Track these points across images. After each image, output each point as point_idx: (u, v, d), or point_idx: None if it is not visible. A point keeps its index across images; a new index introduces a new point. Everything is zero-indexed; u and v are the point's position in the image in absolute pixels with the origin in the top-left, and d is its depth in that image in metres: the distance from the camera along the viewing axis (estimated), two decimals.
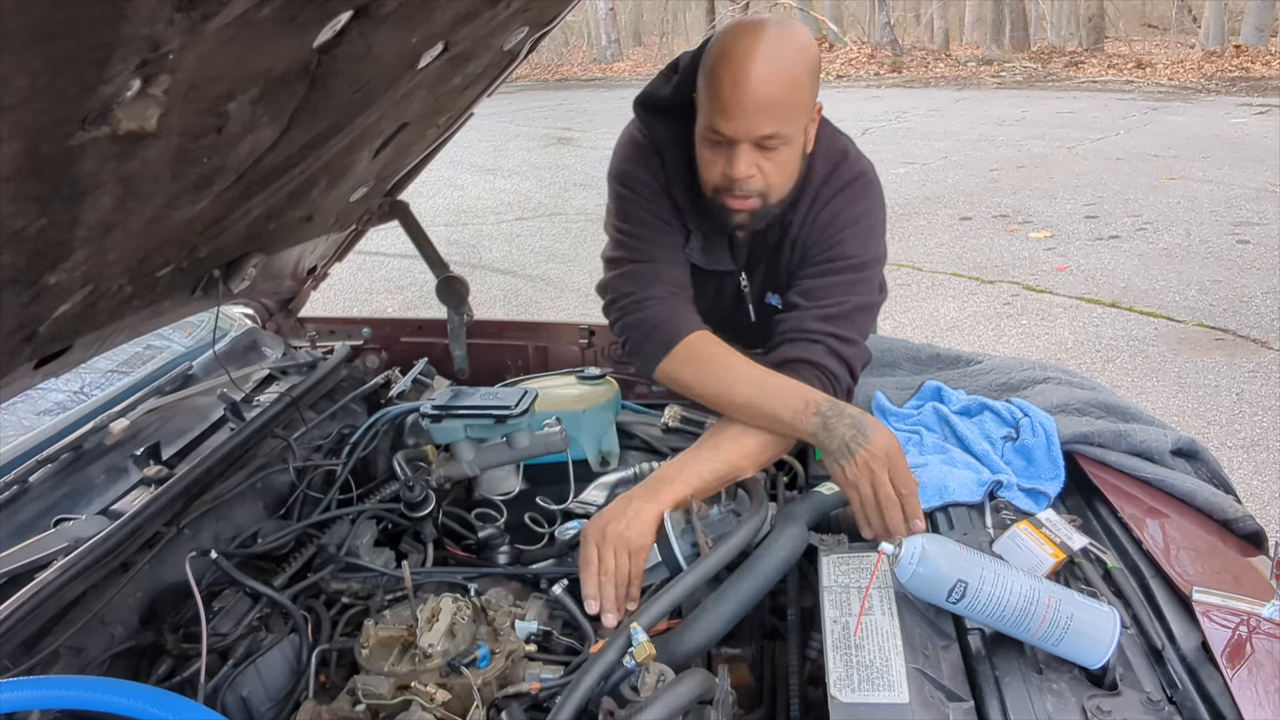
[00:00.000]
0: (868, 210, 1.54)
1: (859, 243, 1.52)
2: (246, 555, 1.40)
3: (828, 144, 1.55)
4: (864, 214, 1.53)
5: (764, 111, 1.35)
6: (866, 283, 1.52)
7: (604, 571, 1.26)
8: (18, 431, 1.64)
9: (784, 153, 1.41)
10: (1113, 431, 1.41)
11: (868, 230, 1.54)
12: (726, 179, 1.42)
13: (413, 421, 1.76)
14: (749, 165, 1.39)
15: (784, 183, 1.46)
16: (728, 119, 1.36)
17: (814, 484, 1.43)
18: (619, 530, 1.27)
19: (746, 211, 1.46)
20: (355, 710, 1.11)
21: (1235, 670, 0.97)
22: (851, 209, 1.52)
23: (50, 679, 1.00)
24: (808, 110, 1.43)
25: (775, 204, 1.47)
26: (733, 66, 1.34)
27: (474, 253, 6.90)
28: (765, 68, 1.33)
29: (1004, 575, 1.02)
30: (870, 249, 1.54)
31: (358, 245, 2.19)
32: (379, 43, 1.00)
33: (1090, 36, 17.29)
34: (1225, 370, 4.14)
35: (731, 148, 1.39)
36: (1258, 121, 9.93)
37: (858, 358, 1.48)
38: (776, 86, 1.34)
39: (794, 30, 1.40)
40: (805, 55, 1.38)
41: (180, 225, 1.11)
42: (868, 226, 1.54)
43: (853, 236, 1.51)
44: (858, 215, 1.52)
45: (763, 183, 1.42)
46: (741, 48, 1.35)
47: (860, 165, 1.57)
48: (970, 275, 5.70)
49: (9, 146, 0.66)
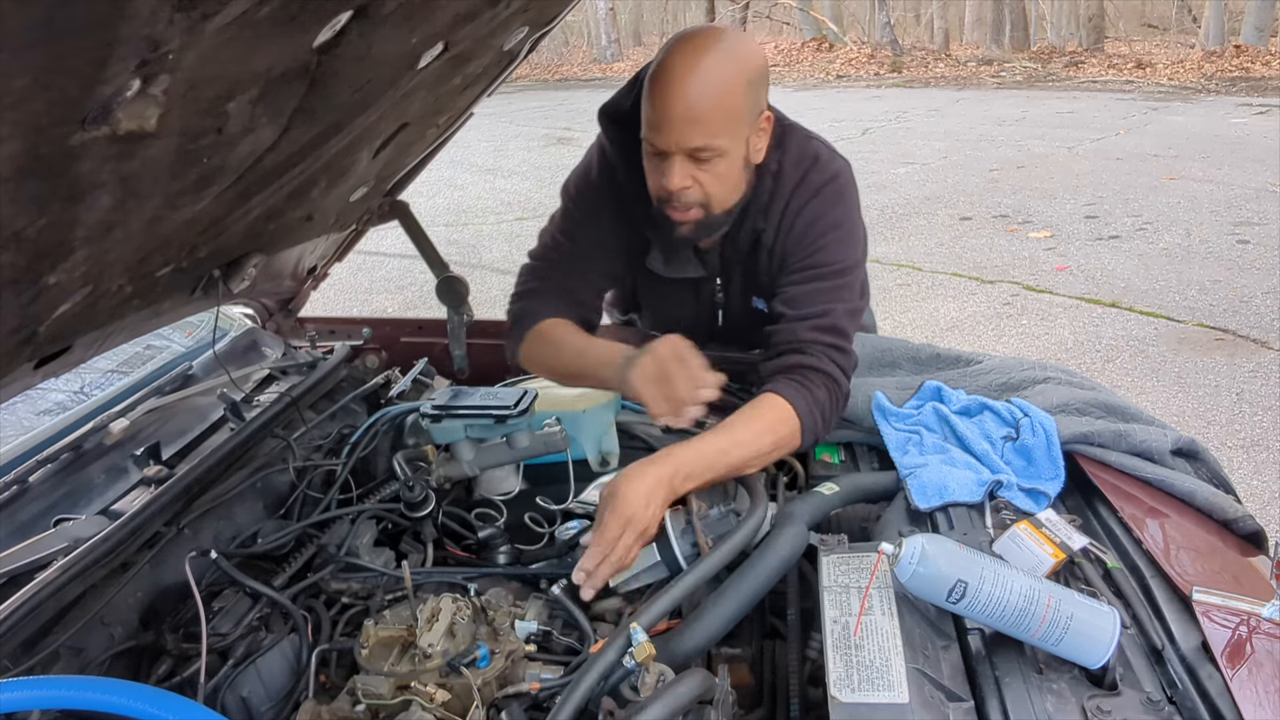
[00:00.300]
0: (846, 214, 1.55)
1: (840, 248, 1.52)
2: (246, 555, 1.40)
3: (798, 149, 1.55)
4: (843, 218, 1.54)
5: (693, 124, 1.36)
6: (849, 288, 1.53)
7: (613, 556, 1.25)
8: (18, 431, 1.64)
9: (720, 164, 1.42)
10: (1113, 431, 1.41)
11: (848, 234, 1.54)
12: (665, 190, 1.44)
13: (413, 421, 1.76)
14: (683, 177, 1.41)
15: (725, 193, 1.47)
16: (658, 132, 1.39)
17: (814, 484, 1.43)
18: (645, 520, 1.26)
19: (689, 222, 1.49)
20: (355, 710, 1.11)
21: (1235, 670, 0.97)
22: (830, 214, 1.53)
23: (50, 679, 0.99)
24: (747, 120, 1.43)
25: (721, 214, 1.50)
26: (664, 79, 1.36)
27: (474, 253, 6.90)
28: (695, 80, 1.35)
29: (1004, 575, 1.02)
30: (851, 253, 1.55)
31: (358, 245, 2.19)
32: (379, 43, 1.00)
33: (1090, 36, 17.29)
34: (1225, 370, 4.14)
35: (666, 160, 1.41)
36: (1258, 121, 9.93)
37: (850, 363, 1.51)
38: (705, 99, 1.35)
39: (734, 41, 1.41)
40: (742, 66, 1.39)
41: (180, 225, 1.11)
42: (848, 230, 1.54)
43: (834, 242, 1.52)
44: (837, 220, 1.53)
45: (700, 194, 1.44)
46: (674, 61, 1.36)
47: (834, 167, 1.57)
48: (970, 275, 5.70)
49: (9, 146, 0.66)
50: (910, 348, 1.80)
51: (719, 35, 1.40)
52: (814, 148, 1.58)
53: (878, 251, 6.20)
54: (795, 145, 1.55)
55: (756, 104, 1.44)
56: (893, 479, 1.43)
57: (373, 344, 2.19)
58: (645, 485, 1.27)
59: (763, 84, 1.45)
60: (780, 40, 21.41)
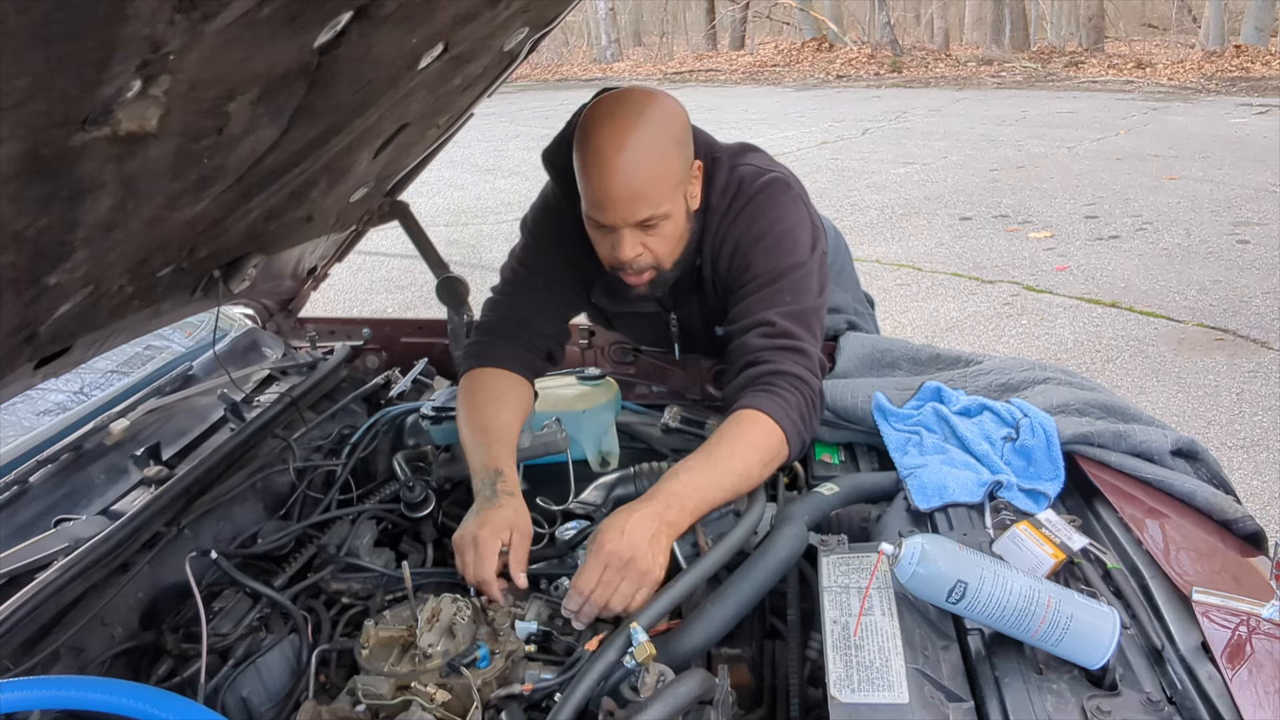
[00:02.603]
0: (770, 224, 1.53)
1: (767, 257, 1.51)
2: (246, 555, 1.40)
3: (723, 179, 1.56)
4: (766, 229, 1.53)
5: (636, 200, 1.38)
6: (787, 290, 1.50)
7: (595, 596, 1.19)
8: (18, 431, 1.64)
9: (666, 226, 1.45)
10: (1113, 432, 1.41)
11: (774, 242, 1.52)
12: (616, 260, 1.46)
13: (413, 422, 1.76)
14: (634, 247, 1.44)
15: (673, 249, 1.50)
16: (602, 211, 1.41)
17: (814, 484, 1.43)
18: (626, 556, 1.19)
19: (644, 283, 1.52)
20: (355, 710, 1.11)
21: (1235, 670, 0.97)
22: (751, 229, 1.53)
23: (50, 679, 1.00)
24: (683, 179, 1.45)
25: (671, 268, 1.53)
26: (598, 161, 1.37)
27: (474, 253, 6.90)
28: (628, 157, 1.36)
29: (1004, 575, 1.02)
30: (779, 259, 1.52)
31: (358, 245, 2.19)
32: (379, 43, 1.00)
33: (1090, 36, 17.29)
34: (1225, 370, 4.14)
35: (614, 232, 1.43)
36: (1258, 121, 9.93)
37: (812, 362, 1.48)
38: (642, 173, 1.37)
39: (655, 106, 1.42)
40: (668, 129, 1.41)
41: (180, 225, 1.11)
42: (774, 238, 1.52)
43: (761, 252, 1.52)
44: (760, 232, 1.53)
45: (652, 258, 1.47)
46: (603, 141, 1.37)
47: (757, 184, 1.56)
48: (970, 275, 5.70)
49: (9, 146, 0.66)
50: (910, 348, 1.80)
51: (639, 102, 1.41)
52: (740, 173, 1.58)
53: (878, 251, 6.21)
54: (721, 176, 1.56)
55: (687, 160, 1.46)
56: (893, 479, 1.43)
57: (373, 344, 2.19)
58: (628, 523, 1.22)
59: (688, 138, 1.48)
60: (780, 40, 21.42)
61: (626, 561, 1.18)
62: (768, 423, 1.38)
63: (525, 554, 1.33)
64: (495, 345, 1.62)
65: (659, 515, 1.24)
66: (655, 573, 1.20)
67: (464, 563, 1.30)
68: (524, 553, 1.32)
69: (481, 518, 1.31)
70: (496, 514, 1.32)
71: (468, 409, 1.54)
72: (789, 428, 1.40)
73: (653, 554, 1.20)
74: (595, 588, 1.18)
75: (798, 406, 1.42)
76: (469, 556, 1.29)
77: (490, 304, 1.70)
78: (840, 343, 1.81)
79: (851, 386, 1.64)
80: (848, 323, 1.91)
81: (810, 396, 1.45)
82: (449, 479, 1.62)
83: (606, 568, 1.18)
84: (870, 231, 6.73)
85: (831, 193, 7.93)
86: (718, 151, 1.60)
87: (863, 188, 8.14)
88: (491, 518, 1.31)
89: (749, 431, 1.38)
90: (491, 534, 1.29)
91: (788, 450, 1.42)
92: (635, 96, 1.43)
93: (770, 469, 1.40)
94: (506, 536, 1.30)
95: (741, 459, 1.34)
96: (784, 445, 1.40)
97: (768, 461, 1.38)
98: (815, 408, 1.47)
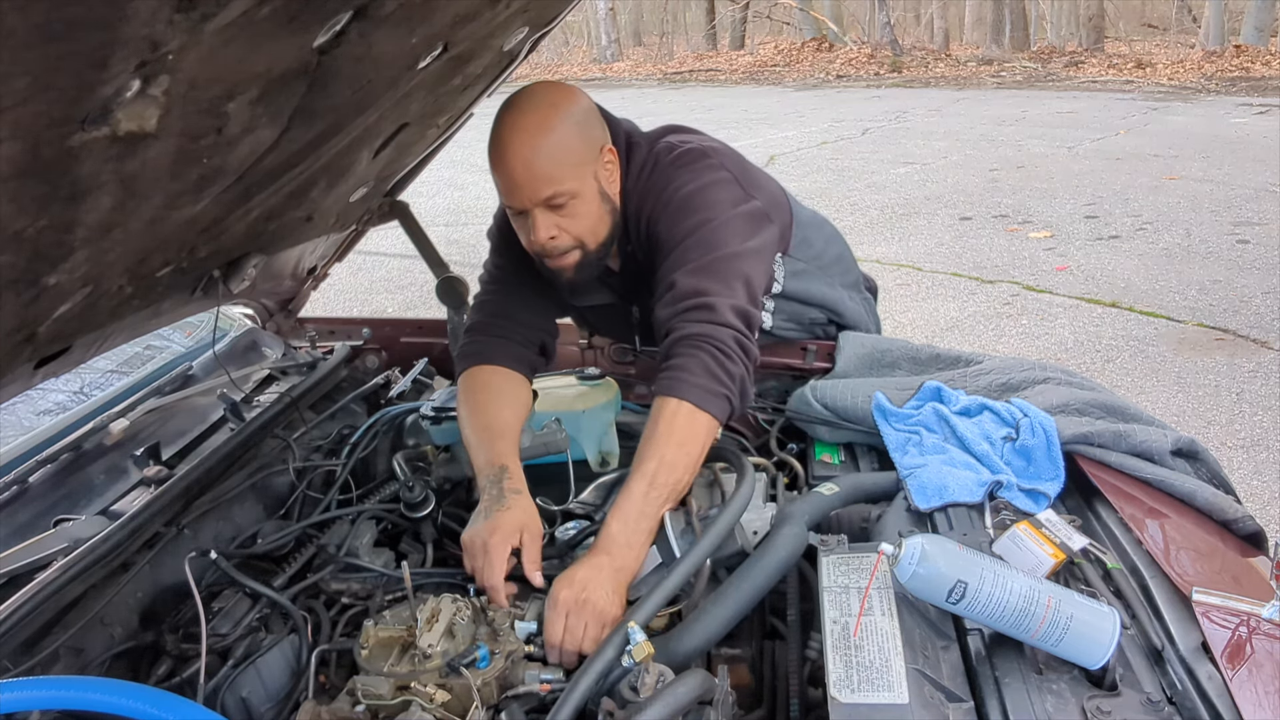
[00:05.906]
0: (675, 189, 1.53)
1: (671, 222, 1.51)
2: (246, 555, 1.40)
3: (639, 162, 1.57)
4: (670, 196, 1.53)
5: (536, 180, 1.41)
6: (698, 244, 1.47)
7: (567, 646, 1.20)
8: (18, 431, 1.64)
9: (576, 205, 1.46)
10: (1113, 432, 1.41)
11: (680, 205, 1.51)
12: (537, 244, 1.48)
13: (412, 422, 1.76)
14: (548, 228, 1.46)
15: (591, 228, 1.50)
16: (511, 195, 1.45)
17: (814, 484, 1.43)
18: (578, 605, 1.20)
19: (569, 267, 1.52)
20: (355, 710, 1.11)
21: (1235, 671, 0.97)
22: (658, 200, 1.54)
23: (50, 679, 1.00)
24: (588, 159, 1.47)
25: (596, 249, 1.53)
26: (499, 148, 1.42)
27: (474, 253, 6.87)
28: (524, 138, 1.40)
29: (1004, 575, 1.02)
30: (685, 219, 1.50)
31: (358, 245, 2.19)
32: (379, 43, 1.00)
33: (1090, 36, 17.29)
34: (1225, 370, 4.14)
35: (526, 216, 1.46)
36: (1258, 121, 9.94)
37: (721, 314, 1.42)
38: (540, 152, 1.40)
39: (551, 92, 1.47)
40: (563, 111, 1.44)
41: (180, 225, 1.11)
42: (679, 202, 1.52)
43: (666, 219, 1.52)
44: (665, 200, 1.53)
45: (569, 238, 1.48)
46: (502, 128, 1.43)
47: (671, 155, 1.57)
48: (970, 275, 5.69)
49: (9, 147, 0.66)
50: (910, 348, 1.80)
51: (536, 92, 1.46)
52: (655, 150, 1.59)
53: (878, 251, 6.21)
54: (637, 160, 1.57)
55: (591, 141, 1.48)
56: (893, 479, 1.43)
57: (373, 344, 2.19)
58: (577, 573, 1.23)
59: (592, 122, 1.49)
60: (780, 40, 21.42)
61: (582, 604, 1.20)
62: (681, 407, 1.35)
63: (538, 553, 1.33)
64: (489, 344, 1.63)
65: (606, 565, 1.26)
66: (612, 611, 1.21)
67: (473, 566, 1.31)
68: (536, 552, 1.33)
69: (492, 522, 1.32)
70: (506, 517, 1.33)
71: (469, 408, 1.54)
72: (702, 399, 1.35)
73: (605, 595, 1.22)
74: (563, 635, 1.20)
75: (705, 368, 1.37)
76: (479, 562, 1.30)
77: (477, 306, 1.73)
78: (840, 343, 1.81)
79: (851, 386, 1.64)
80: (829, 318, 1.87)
81: (725, 349, 1.38)
82: (449, 479, 1.62)
83: (568, 615, 1.20)
84: (870, 231, 6.73)
85: (831, 193, 7.93)
86: (637, 137, 1.61)
87: (863, 187, 8.13)
88: (502, 522, 1.32)
89: (669, 428, 1.35)
90: (501, 541, 1.30)
91: (714, 419, 1.38)
92: (533, 88, 1.47)
93: (709, 441, 1.38)
94: (517, 540, 1.31)
95: (669, 467, 1.33)
96: (709, 419, 1.37)
97: (702, 442, 1.37)
98: (728, 355, 1.39)
